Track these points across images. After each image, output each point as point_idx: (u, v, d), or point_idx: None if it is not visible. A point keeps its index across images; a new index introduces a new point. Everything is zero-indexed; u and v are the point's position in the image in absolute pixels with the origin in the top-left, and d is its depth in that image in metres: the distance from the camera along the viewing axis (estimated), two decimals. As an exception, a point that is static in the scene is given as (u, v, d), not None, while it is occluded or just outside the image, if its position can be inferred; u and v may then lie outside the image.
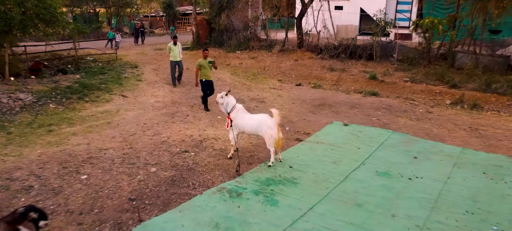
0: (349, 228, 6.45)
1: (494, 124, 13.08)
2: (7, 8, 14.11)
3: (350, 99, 15.61)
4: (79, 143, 9.77)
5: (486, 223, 6.86)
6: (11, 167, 8.22)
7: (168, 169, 8.47)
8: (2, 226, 4.36)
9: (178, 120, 12.17)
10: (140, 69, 19.03)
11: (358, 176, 8.58)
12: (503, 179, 8.75)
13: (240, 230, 6.27)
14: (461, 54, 20.00)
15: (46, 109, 12.45)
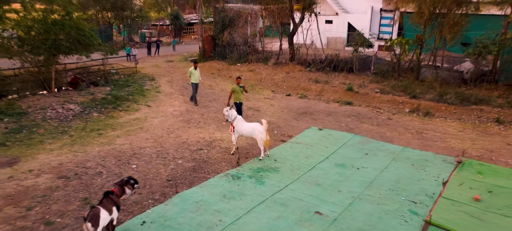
0: (309, 198, 10.08)
1: (436, 128, 16.70)
2: (57, 36, 17.70)
3: (328, 108, 19.22)
4: (124, 143, 13.39)
5: (399, 196, 10.49)
6: (83, 160, 11.84)
7: (190, 161, 12.10)
8: (117, 186, 7.94)
9: (192, 125, 15.79)
10: (157, 82, 22.63)
11: (322, 166, 12.21)
12: (424, 169, 12.37)
13: (239, 198, 9.91)
14: (424, 68, 23.62)
15: (91, 117, 16.08)
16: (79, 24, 18.83)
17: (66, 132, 14.23)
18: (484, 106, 19.18)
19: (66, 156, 12.09)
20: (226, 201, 9.76)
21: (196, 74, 19.05)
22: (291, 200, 9.94)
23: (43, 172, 10.88)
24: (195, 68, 19.12)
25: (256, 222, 8.85)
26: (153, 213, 9.08)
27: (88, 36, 19.20)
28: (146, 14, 44.56)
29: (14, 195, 9.61)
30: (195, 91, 19.31)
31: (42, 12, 17.85)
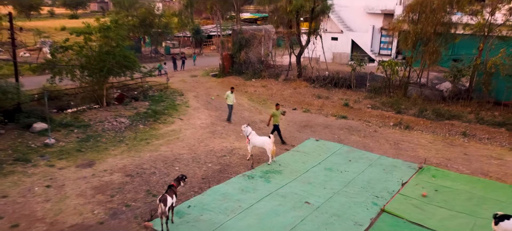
0: (301, 193, 14.19)
1: (411, 140, 20.64)
2: (108, 62, 22.09)
3: (326, 121, 23.25)
4: (166, 150, 17.67)
5: (367, 192, 14.54)
6: (139, 162, 16.14)
7: (216, 165, 16.31)
8: (175, 181, 12.15)
9: (217, 136, 20.01)
10: (186, 97, 26.92)
11: (314, 170, 16.33)
12: (392, 173, 16.39)
13: (252, 191, 14.08)
14: (411, 86, 27.51)
15: (139, 129, 20.42)
16: (125, 52, 23.26)
17: (122, 141, 18.58)
18: (455, 122, 23.05)
19: (126, 159, 16.42)
20: (243, 193, 13.95)
21: (232, 97, 22.45)
22: (289, 193, 14.09)
23: (114, 171, 15.21)
24: (232, 91, 22.61)
25: (264, 208, 13.02)
26: (194, 200, 13.32)
27: (132, 61, 23.65)
28: (171, 30, 48.96)
29: (99, 187, 13.95)
30: (231, 111, 22.53)
31: (98, 45, 22.31)
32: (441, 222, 12.70)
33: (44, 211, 12.28)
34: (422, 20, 25.25)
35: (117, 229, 11.57)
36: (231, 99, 22.55)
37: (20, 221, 11.67)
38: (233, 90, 23.06)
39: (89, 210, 12.46)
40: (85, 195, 13.38)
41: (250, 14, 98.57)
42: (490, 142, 20.54)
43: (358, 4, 41.27)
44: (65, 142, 17.96)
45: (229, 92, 22.70)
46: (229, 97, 22.57)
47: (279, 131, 19.45)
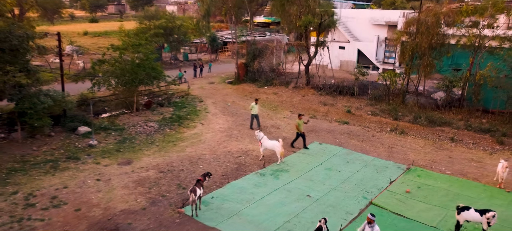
0: (304, 188, 17.03)
1: (404, 144, 23.30)
2: (139, 73, 25.16)
3: (329, 127, 26.01)
4: (191, 151, 20.65)
5: (360, 188, 17.32)
6: (169, 161, 19.13)
7: (234, 164, 19.23)
8: (202, 176, 15.06)
9: (233, 139, 22.94)
10: (205, 103, 29.91)
11: (316, 169, 19.15)
12: (383, 173, 19.11)
13: (263, 186, 16.97)
14: (408, 95, 30.12)
15: (166, 132, 23.46)
16: (153, 65, 26.36)
17: (153, 143, 21.62)
18: (446, 128, 25.63)
19: (158, 159, 19.45)
20: (256, 187, 16.86)
21: (256, 108, 24.86)
22: (293, 188, 16.96)
23: (149, 169, 18.24)
24: (256, 103, 25.08)
25: (273, 199, 15.91)
26: (217, 193, 16.27)
27: (159, 72, 26.75)
28: (189, 37, 52.05)
29: (138, 181, 16.98)
30: (252, 119, 24.98)
31: (130, 58, 25.42)
32: (418, 213, 15.45)
33: (98, 199, 15.34)
34: (418, 36, 27.87)
35: (156, 214, 14.56)
36: (255, 110, 24.90)
37: (81, 206, 14.74)
38: (257, 101, 25.40)
39: (133, 199, 15.49)
40: (128, 187, 16.43)
41: (264, 18, 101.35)
42: (474, 147, 23.11)
43: (364, 16, 43.89)
44: (105, 143, 21.08)
45: (254, 104, 25.06)
46: (253, 108, 24.92)
47: (304, 138, 21.98)
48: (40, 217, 13.92)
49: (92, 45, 68.06)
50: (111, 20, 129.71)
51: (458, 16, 27.73)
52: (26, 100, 19.71)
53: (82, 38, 78.43)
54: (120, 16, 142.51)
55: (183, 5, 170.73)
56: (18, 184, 16.16)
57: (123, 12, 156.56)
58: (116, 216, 14.29)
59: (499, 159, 18.89)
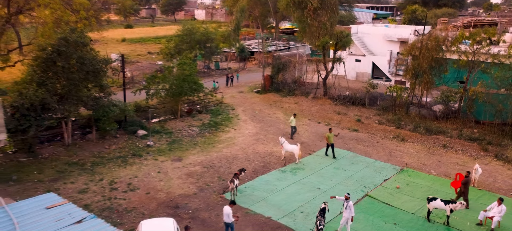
0: (315, 182, 21.83)
1: (403, 149, 27.70)
2: (184, 87, 30.37)
3: (341, 133, 30.54)
4: (227, 152, 25.67)
5: (360, 184, 21.98)
6: (210, 159, 24.21)
7: (261, 163, 24.15)
8: (238, 171, 19.98)
9: (260, 142, 27.84)
10: (236, 111, 34.92)
11: (326, 168, 23.89)
12: (380, 173, 23.68)
13: (284, 180, 21.85)
14: (412, 106, 34.39)
15: (205, 135, 28.56)
16: (195, 79, 31.56)
17: (196, 144, 26.78)
18: (440, 136, 29.86)
19: (202, 157, 24.55)
20: (278, 181, 21.75)
21: (294, 121, 29.15)
22: (307, 182, 21.78)
23: (196, 165, 23.36)
24: (294, 116, 29.39)
25: (290, 190, 20.76)
26: (248, 184, 21.22)
27: (199, 85, 31.96)
28: (221, 49, 57.28)
29: (189, 174, 22.10)
30: (293, 130, 29.23)
31: (176, 74, 30.68)
32: (402, 203, 20.01)
33: (161, 186, 20.54)
34: (420, 57, 32.17)
35: (204, 198, 19.62)
36: (293, 122, 29.11)
37: (149, 191, 19.96)
38: (295, 116, 29.69)
39: (186, 187, 20.61)
40: (181, 178, 21.58)
41: (289, 24, 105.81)
42: (462, 153, 27.32)
43: (378, 32, 48.14)
44: (159, 144, 26.37)
45: (292, 117, 29.31)
46: (292, 121, 29.17)
47: (333, 148, 25.77)
48: (122, 197, 19.20)
49: (131, 53, 73.63)
50: (143, 24, 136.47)
51: (455, 41, 31.86)
52: (100, 109, 25.19)
53: (120, 45, 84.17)
54: (152, 21, 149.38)
55: (211, 9, 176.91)
56: (101, 173, 21.56)
57: (154, 16, 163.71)
58: (176, 198, 19.44)
59: (475, 164, 23.18)
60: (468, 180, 20.06)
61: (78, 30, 23.80)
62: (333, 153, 25.61)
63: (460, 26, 59.06)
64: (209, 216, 18.16)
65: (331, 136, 25.60)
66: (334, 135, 26.12)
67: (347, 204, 16.53)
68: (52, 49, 21.68)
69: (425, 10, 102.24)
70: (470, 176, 20.51)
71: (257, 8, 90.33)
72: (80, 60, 22.60)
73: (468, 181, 20.12)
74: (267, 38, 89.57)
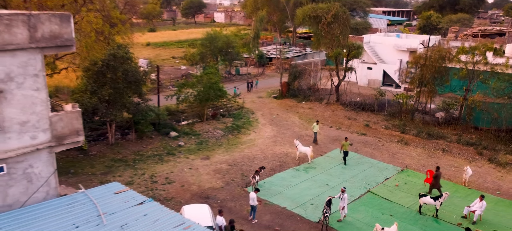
0: (325, 179, 25.17)
1: (405, 152, 30.77)
2: (210, 94, 34.00)
3: (350, 137, 33.62)
4: (248, 152, 29.17)
5: (364, 182, 25.24)
6: (234, 158, 27.74)
7: (278, 162, 27.58)
8: (259, 169, 23.47)
9: (277, 144, 31.25)
10: (256, 115, 38.39)
11: (335, 168, 27.20)
12: (382, 172, 26.88)
13: (298, 177, 25.27)
14: (417, 113, 37.34)
15: (229, 137, 32.12)
16: (219, 86, 35.16)
17: (221, 145, 30.35)
18: (441, 141, 32.80)
19: (226, 156, 28.10)
20: (293, 178, 25.16)
21: (317, 127, 32.13)
22: (318, 179, 25.14)
23: (221, 163, 26.92)
24: (317, 123, 32.51)
25: (303, 186, 24.16)
26: (267, 180, 24.66)
27: (224, 92, 35.58)
28: (241, 57, 60.94)
29: (216, 170, 25.68)
30: (316, 136, 32.07)
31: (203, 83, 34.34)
32: (399, 199, 23.20)
33: (193, 180, 24.17)
34: (423, 68, 35.16)
35: (230, 190, 23.15)
36: (316, 128, 32.12)
37: (184, 184, 23.61)
38: (318, 122, 32.92)
39: (214, 181, 24.19)
40: (210, 174, 25.18)
41: (307, 28, 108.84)
42: (459, 156, 30.27)
43: (389, 42, 51.05)
44: (189, 144, 30.05)
45: (315, 124, 32.42)
46: (314, 127, 32.18)
47: (346, 155, 28.26)
48: (162, 188, 22.90)
49: (156, 57, 77.67)
50: (165, 27, 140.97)
51: (456, 53, 34.74)
52: (139, 113, 28.98)
53: (145, 49, 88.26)
54: (173, 23, 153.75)
55: (230, 12, 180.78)
56: (142, 168, 25.33)
57: (175, 19, 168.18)
58: (206, 191, 23.04)
59: (466, 166, 26.15)
60: (437, 174, 23.71)
61: (123, 46, 27.55)
62: (344, 160, 27.99)
63: (469, 35, 61.47)
64: (235, 205, 21.70)
65: (346, 144, 28.10)
66: (349, 144, 28.59)
67: (343, 195, 20.02)
68: (102, 63, 25.50)
69: (439, 16, 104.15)
70: (439, 171, 24.04)
71: (275, 14, 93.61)
72: (124, 72, 26.41)
73: (438, 175, 23.75)
74: (284, 42, 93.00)
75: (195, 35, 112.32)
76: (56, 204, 14.58)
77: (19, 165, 14.53)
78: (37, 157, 15.00)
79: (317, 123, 32.71)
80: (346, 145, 28.11)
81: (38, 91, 14.44)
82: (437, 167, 24.19)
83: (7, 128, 13.87)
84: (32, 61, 14.11)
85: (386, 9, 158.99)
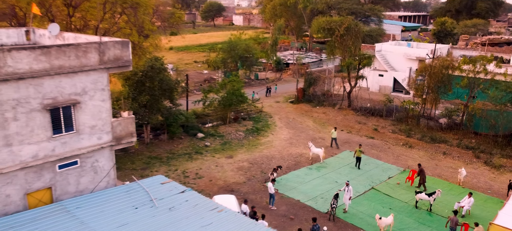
0: (334, 177, 28.52)
1: (408, 155, 33.84)
2: (233, 98, 37.62)
3: (359, 140, 36.89)
4: (267, 152, 32.67)
5: (368, 180, 28.53)
6: (254, 157, 31.29)
7: (293, 161, 31.01)
8: (276, 167, 26.95)
9: (293, 146, 34.67)
10: (274, 119, 41.86)
11: (344, 167, 30.51)
12: (386, 172, 30.07)
13: (310, 175, 28.69)
14: (422, 118, 40.28)
15: (250, 139, 35.69)
16: (241, 93, 38.77)
17: (243, 146, 33.93)
18: (442, 144, 35.75)
19: (248, 156, 31.67)
20: (306, 175, 28.58)
21: (335, 133, 35.25)
22: (328, 177, 28.51)
23: (243, 161, 30.50)
24: (335, 129, 35.68)
25: (315, 182, 27.56)
26: (283, 177, 28.12)
27: (245, 98, 39.20)
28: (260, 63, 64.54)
29: (239, 168, 29.27)
30: (332, 141, 35.16)
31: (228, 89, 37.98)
32: (399, 195, 26.41)
33: (219, 176, 27.81)
34: (427, 78, 38.15)
35: (251, 185, 26.71)
36: (334, 134, 35.19)
37: (211, 179, 27.26)
38: (336, 129, 36.07)
39: (237, 177, 27.78)
40: (233, 171, 28.78)
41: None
42: (458, 159, 33.21)
43: (399, 51, 53.97)
44: (214, 144, 33.72)
45: (333, 130, 35.55)
46: (333, 133, 35.35)
47: (359, 161, 31.07)
48: (193, 182, 26.59)
49: (179, 61, 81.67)
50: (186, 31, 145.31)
51: (459, 65, 37.63)
52: (171, 116, 32.79)
53: (168, 53, 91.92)
54: (193, 26, 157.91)
55: (248, 15, 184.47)
56: (175, 165, 29.10)
57: (195, 22, 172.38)
58: (231, 185, 26.65)
59: (460, 167, 29.14)
60: (420, 170, 27.42)
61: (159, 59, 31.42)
62: (358, 165, 30.61)
63: (479, 43, 63.81)
64: (255, 197, 25.24)
65: (359, 151, 30.72)
66: (361, 151, 31.09)
67: (348, 188, 23.42)
68: (142, 74, 29.36)
69: (454, 22, 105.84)
70: (421, 167, 27.78)
71: (293, 20, 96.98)
72: (160, 81, 30.25)
73: (421, 170, 27.42)
74: (301, 47, 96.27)
75: (215, 38, 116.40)
76: (117, 191, 18.40)
77: (88, 159, 18.38)
78: (102, 153, 18.85)
79: (335, 129, 35.76)
80: (359, 151, 30.75)
81: (104, 102, 18.28)
82: (419, 164, 28.27)
83: (81, 131, 17.72)
84: (101, 78, 17.95)
85: (403, 13, 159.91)
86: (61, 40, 21.95)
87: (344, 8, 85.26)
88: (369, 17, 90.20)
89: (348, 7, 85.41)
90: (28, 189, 16.70)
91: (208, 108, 38.26)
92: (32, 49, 15.63)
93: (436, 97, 38.14)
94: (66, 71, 16.57)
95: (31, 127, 16.14)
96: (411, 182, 27.58)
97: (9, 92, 15.27)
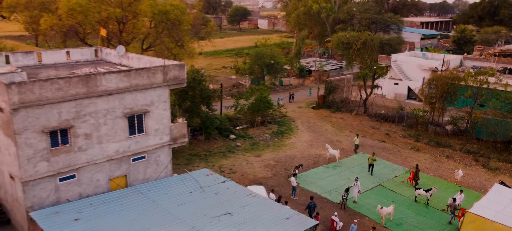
0: (347, 175, 33.15)
1: (415, 157, 38.09)
2: (261, 105, 42.62)
3: (372, 144, 41.25)
4: (290, 152, 37.50)
5: (377, 178, 33.05)
6: (279, 157, 36.18)
7: (313, 161, 35.76)
8: (298, 165, 31.77)
9: (313, 147, 39.38)
10: (296, 123, 46.60)
11: (356, 166, 35.07)
12: (393, 172, 34.50)
13: (327, 172, 33.43)
14: (430, 125, 44.33)
15: (275, 140, 40.59)
16: (268, 99, 43.74)
17: (269, 146, 38.88)
18: (446, 149, 39.81)
19: (273, 155, 36.60)
20: (323, 173, 33.31)
21: (358, 140, 39.40)
22: (341, 175, 33.16)
23: (270, 160, 35.45)
24: (357, 136, 39.89)
25: (331, 178, 32.27)
26: (303, 174, 32.85)
27: (271, 104, 44.18)
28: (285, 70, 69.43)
29: (266, 165, 34.23)
30: (356, 147, 39.74)
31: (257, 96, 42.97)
32: (402, 191, 30.87)
33: (249, 171, 32.84)
34: (434, 88, 42.26)
35: (277, 179, 31.61)
36: (357, 141, 39.37)
37: (243, 173, 32.32)
38: (358, 135, 40.25)
39: (265, 173, 32.74)
40: (261, 167, 33.78)
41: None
42: (459, 162, 37.26)
43: (413, 62, 57.93)
44: (244, 145, 38.80)
45: (356, 137, 39.64)
46: (355, 140, 39.55)
47: (373, 167, 35.16)
48: (228, 176, 31.55)
49: (208, 66, 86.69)
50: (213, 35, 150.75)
51: (464, 77, 41.61)
52: (208, 120, 38.06)
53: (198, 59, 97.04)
54: (220, 30, 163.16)
55: (272, 19, 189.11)
56: (212, 162, 34.31)
57: (221, 26, 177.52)
58: (259, 179, 31.66)
59: (457, 168, 33.30)
60: (417, 170, 31.60)
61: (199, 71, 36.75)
62: (371, 171, 34.19)
63: (492, 53, 66.93)
64: (280, 190, 30.14)
65: (372, 158, 34.57)
66: (374, 159, 34.54)
67: (356, 183, 28.05)
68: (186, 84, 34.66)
69: (473, 30, 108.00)
70: (418, 167, 32.01)
71: (316, 27, 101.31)
72: (200, 90, 35.55)
73: (417, 170, 31.59)
74: (323, 53, 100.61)
75: (241, 43, 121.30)
76: (174, 180, 23.71)
77: (152, 155, 23.71)
78: (162, 150, 24.16)
79: (357, 136, 39.78)
80: (372, 159, 34.37)
81: (165, 110, 23.57)
82: (416, 165, 32.52)
83: (148, 132, 23.05)
84: (163, 93, 23.24)
85: (425, 19, 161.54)
86: (125, 59, 27.47)
87: (365, 17, 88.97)
88: (389, 26, 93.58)
89: (368, 17, 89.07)
90: (111, 176, 22.15)
91: (239, 113, 43.34)
92: (118, 73, 21.05)
93: (443, 106, 42.20)
94: (140, 88, 21.94)
95: (115, 130, 21.56)
96: (412, 182, 31.89)
97: (102, 104, 20.70)
